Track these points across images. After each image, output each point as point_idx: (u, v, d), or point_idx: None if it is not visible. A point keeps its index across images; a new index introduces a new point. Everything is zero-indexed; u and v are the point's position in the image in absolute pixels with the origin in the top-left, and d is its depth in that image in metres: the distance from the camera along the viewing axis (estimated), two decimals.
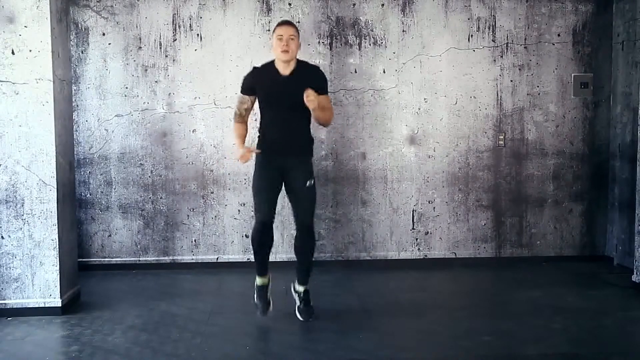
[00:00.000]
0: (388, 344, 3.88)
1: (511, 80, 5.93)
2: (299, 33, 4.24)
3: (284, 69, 4.17)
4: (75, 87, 5.62)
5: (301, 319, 4.29)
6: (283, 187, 4.27)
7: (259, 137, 4.32)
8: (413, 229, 5.93)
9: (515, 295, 4.98)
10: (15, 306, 4.39)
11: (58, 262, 4.41)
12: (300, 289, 4.39)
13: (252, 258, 5.74)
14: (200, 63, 5.73)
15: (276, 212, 4.34)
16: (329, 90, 5.74)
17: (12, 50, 4.30)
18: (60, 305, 4.42)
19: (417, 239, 5.94)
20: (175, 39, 5.73)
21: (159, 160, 5.76)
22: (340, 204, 5.82)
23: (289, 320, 4.34)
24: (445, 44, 5.86)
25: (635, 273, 5.01)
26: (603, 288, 5.16)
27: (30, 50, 4.30)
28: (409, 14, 5.84)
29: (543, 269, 5.82)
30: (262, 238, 4.23)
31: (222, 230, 5.82)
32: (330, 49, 5.80)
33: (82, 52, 5.68)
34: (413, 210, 5.92)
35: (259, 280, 4.37)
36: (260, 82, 4.20)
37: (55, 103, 4.38)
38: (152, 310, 4.57)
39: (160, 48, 5.72)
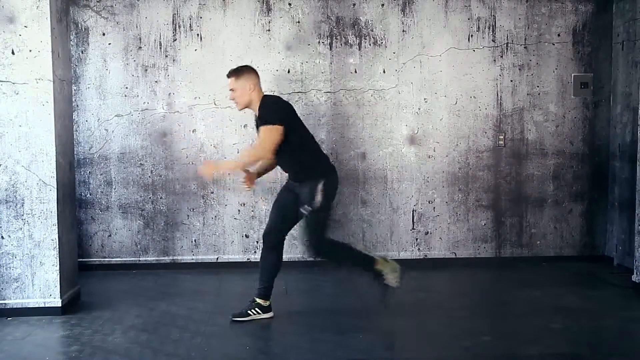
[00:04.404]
0: (388, 344, 3.88)
1: (511, 80, 5.93)
2: (237, 75, 4.18)
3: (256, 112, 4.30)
4: (75, 87, 5.62)
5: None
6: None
7: None
8: (413, 229, 5.93)
9: (515, 295, 4.98)
10: (15, 306, 4.39)
11: (58, 262, 4.40)
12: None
13: (251, 258, 5.77)
14: (200, 63, 5.73)
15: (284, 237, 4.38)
16: (328, 90, 5.78)
17: (12, 50, 4.30)
18: (60, 305, 4.41)
19: (417, 239, 5.94)
20: (175, 39, 5.73)
21: (159, 160, 5.76)
22: (340, 204, 5.81)
23: (289, 320, 4.34)
24: (445, 44, 5.86)
25: (635, 273, 5.01)
26: (603, 288, 5.16)
27: (30, 50, 4.30)
28: (409, 14, 5.84)
29: (543, 269, 5.82)
30: (262, 251, 4.40)
31: (222, 230, 5.82)
32: (330, 49, 5.80)
33: (82, 52, 5.68)
34: (413, 210, 5.92)
35: (261, 300, 4.36)
36: None
37: (55, 103, 4.38)
38: (152, 310, 4.57)
39: (160, 48, 5.72)
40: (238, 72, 4.22)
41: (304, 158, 4.23)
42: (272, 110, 4.13)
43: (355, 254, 4.30)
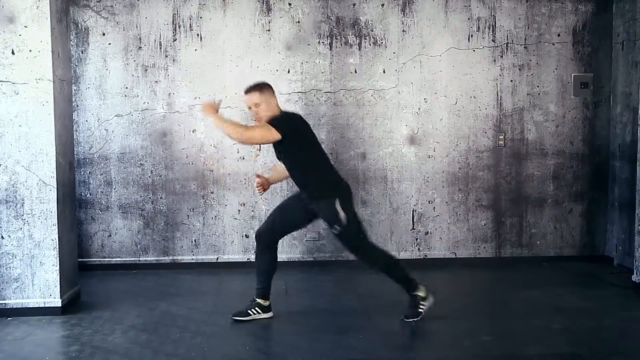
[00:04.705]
0: (388, 344, 3.88)
1: (511, 80, 5.93)
2: (260, 89, 4.13)
3: None
4: (75, 87, 5.62)
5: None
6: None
7: None
8: (413, 229, 5.93)
9: (515, 295, 4.98)
10: (15, 306, 4.39)
11: (58, 262, 4.41)
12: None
13: (251, 258, 5.77)
14: (200, 63, 5.73)
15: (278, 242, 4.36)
16: (328, 90, 5.78)
17: (12, 50, 4.30)
18: (60, 305, 4.41)
19: (417, 239, 5.94)
20: (175, 39, 5.73)
21: (159, 160, 5.76)
22: None
23: (289, 320, 4.34)
24: (445, 44, 5.86)
25: (635, 273, 5.01)
26: (603, 288, 5.16)
27: (30, 50, 4.30)
28: (409, 14, 5.84)
29: (543, 269, 5.82)
30: (255, 251, 4.39)
31: (222, 230, 5.82)
32: (330, 49, 5.80)
33: (82, 52, 5.68)
34: (413, 210, 5.92)
35: (261, 300, 4.37)
36: None
37: (55, 103, 4.38)
38: (152, 310, 4.57)
39: (160, 48, 5.72)
40: (261, 87, 4.16)
41: (317, 177, 4.19)
42: (282, 119, 4.11)
43: (401, 271, 4.26)
